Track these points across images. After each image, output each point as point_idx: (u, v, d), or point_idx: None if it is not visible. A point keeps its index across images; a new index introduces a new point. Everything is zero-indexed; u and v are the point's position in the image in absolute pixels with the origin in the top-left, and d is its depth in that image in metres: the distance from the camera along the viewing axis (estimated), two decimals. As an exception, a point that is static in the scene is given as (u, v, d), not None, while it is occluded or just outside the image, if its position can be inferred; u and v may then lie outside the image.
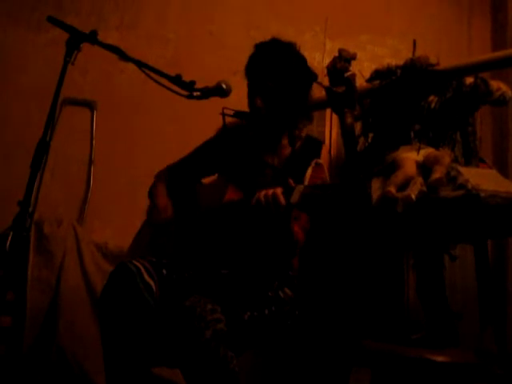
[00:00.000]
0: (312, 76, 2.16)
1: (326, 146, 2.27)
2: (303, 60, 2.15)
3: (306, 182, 1.90)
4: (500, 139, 3.47)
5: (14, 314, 2.75)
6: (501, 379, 2.11)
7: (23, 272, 2.79)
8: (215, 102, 2.02)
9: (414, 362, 2.08)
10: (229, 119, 2.09)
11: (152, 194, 2.21)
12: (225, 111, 2.02)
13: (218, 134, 2.26)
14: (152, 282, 1.82)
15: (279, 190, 1.80)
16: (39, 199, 2.67)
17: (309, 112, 2.23)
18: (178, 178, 2.24)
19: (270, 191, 1.80)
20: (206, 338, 1.64)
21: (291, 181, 1.83)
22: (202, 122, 2.21)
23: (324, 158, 2.10)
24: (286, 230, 2.00)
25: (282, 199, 1.78)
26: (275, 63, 2.05)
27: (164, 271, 1.90)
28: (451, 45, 3.61)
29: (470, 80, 2.33)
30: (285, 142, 2.17)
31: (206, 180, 2.28)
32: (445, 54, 2.51)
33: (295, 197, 1.75)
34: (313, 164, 1.96)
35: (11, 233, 1.74)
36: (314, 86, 2.20)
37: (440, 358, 2.07)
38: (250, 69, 2.10)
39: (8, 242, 1.78)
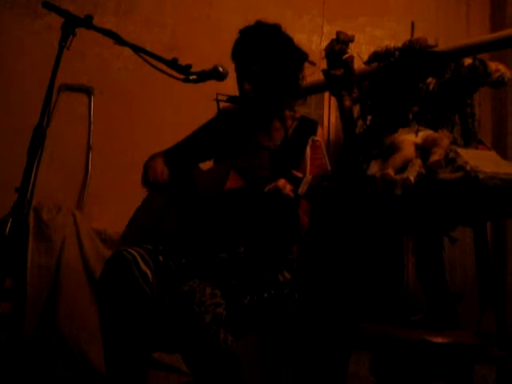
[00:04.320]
0: (301, 56, 2.16)
1: (323, 128, 2.26)
2: (289, 41, 2.15)
3: (307, 163, 1.90)
4: (499, 121, 3.47)
5: (14, 301, 2.75)
6: (501, 360, 2.12)
7: (23, 258, 2.79)
8: (214, 86, 2.02)
9: (414, 344, 2.09)
10: (225, 104, 2.10)
11: (148, 163, 2.19)
12: (218, 97, 2.03)
13: (213, 118, 2.27)
14: (148, 270, 1.82)
15: (288, 185, 1.80)
16: (37, 186, 2.66)
17: (302, 93, 2.23)
18: (173, 161, 2.23)
19: (280, 184, 1.80)
20: (206, 323, 1.65)
21: (295, 172, 1.83)
22: (201, 106, 2.20)
23: (320, 138, 2.09)
24: (291, 218, 2.00)
25: (290, 194, 1.79)
26: (260, 46, 2.06)
27: (160, 258, 1.90)
28: (449, 26, 3.59)
29: (468, 61, 2.32)
30: (278, 123, 2.17)
31: (205, 166, 2.28)
32: (443, 35, 2.51)
33: (303, 188, 1.75)
34: (310, 142, 1.96)
35: (10, 219, 1.74)
36: (311, 67, 2.18)
37: (440, 340, 2.08)
38: (236, 53, 2.11)
39: (7, 229, 1.78)
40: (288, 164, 1.88)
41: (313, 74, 2.53)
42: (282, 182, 1.80)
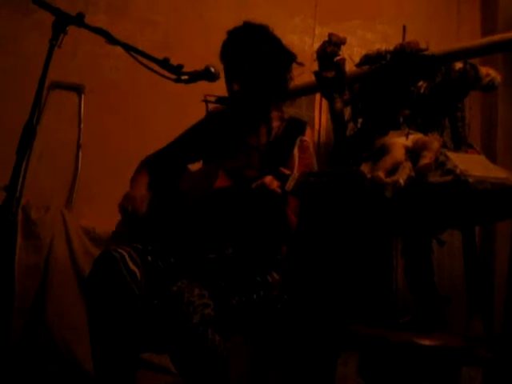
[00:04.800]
0: (289, 56, 2.16)
1: (312, 129, 2.27)
2: (277, 41, 2.16)
3: (295, 163, 1.90)
4: (489, 125, 3.48)
5: (2, 299, 2.74)
6: (488, 362, 2.13)
7: (11, 257, 2.77)
8: (205, 86, 2.02)
9: (402, 346, 2.09)
10: (213, 105, 2.11)
11: (131, 182, 2.21)
12: (207, 98, 2.04)
13: (202, 120, 2.27)
14: (137, 270, 1.81)
15: (275, 182, 1.80)
16: (26, 184, 2.65)
17: (293, 94, 2.24)
18: (163, 164, 2.24)
19: (267, 181, 1.80)
20: (194, 323, 1.65)
21: (283, 169, 1.83)
22: (192, 106, 2.20)
23: (309, 139, 2.09)
24: (280, 216, 2.00)
25: (278, 190, 1.78)
26: (248, 47, 2.07)
27: (149, 258, 1.90)
28: (441, 30, 3.61)
29: (459, 65, 2.33)
30: (266, 124, 2.18)
31: (193, 167, 2.28)
32: (434, 39, 2.51)
33: (290, 184, 1.75)
34: (298, 142, 1.96)
35: (-2, 218, 1.73)
36: (299, 68, 2.19)
37: (428, 342, 2.08)
38: (224, 54, 2.12)
39: (-5, 228, 1.78)
40: (276, 164, 1.88)
41: (302, 75, 2.54)
42: (268, 179, 1.80)
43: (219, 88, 2.14)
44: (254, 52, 2.06)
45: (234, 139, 2.18)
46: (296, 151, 1.94)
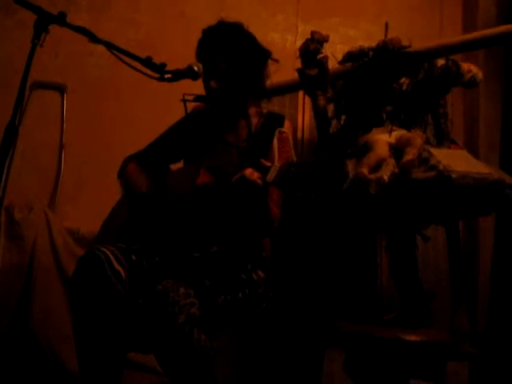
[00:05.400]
0: (264, 53, 2.17)
1: (291, 123, 2.27)
2: (252, 39, 2.16)
3: (275, 154, 1.90)
4: (471, 121, 3.50)
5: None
6: (473, 357, 2.15)
7: (-6, 258, 2.76)
8: (189, 85, 2.01)
9: (388, 343, 2.10)
10: (194, 104, 2.13)
11: (125, 172, 2.20)
12: (185, 97, 2.03)
13: (181, 120, 2.27)
14: (121, 269, 1.80)
15: (255, 173, 1.80)
16: (9, 185, 2.63)
17: (276, 91, 2.24)
18: (145, 165, 2.23)
19: (247, 173, 1.80)
20: (180, 323, 1.64)
21: (263, 160, 1.83)
22: (174, 105, 2.19)
23: (288, 131, 2.10)
24: (262, 209, 2.00)
25: (258, 181, 1.78)
26: (223, 44, 2.08)
27: (133, 257, 1.89)
28: (423, 27, 3.62)
29: (441, 62, 2.35)
30: (244, 120, 2.18)
31: (174, 167, 2.28)
32: (417, 36, 2.52)
33: (271, 175, 1.75)
34: (277, 133, 1.96)
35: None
36: (275, 64, 2.20)
37: (413, 338, 2.10)
38: (201, 53, 2.12)
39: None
40: (257, 159, 1.88)
41: (284, 73, 2.54)
42: (248, 171, 1.81)
43: (202, 86, 2.14)
44: (229, 49, 2.08)
45: (214, 137, 2.19)
46: (275, 142, 1.94)
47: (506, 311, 3.04)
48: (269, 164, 1.81)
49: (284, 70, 2.34)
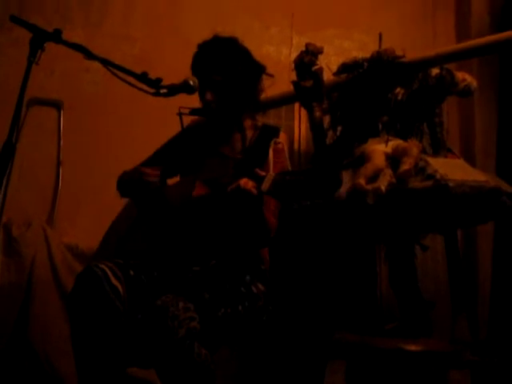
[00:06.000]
0: (259, 67, 2.19)
1: (286, 134, 2.28)
2: (247, 52, 2.19)
3: (270, 166, 1.90)
4: (467, 129, 3.52)
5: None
6: (474, 365, 2.14)
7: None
8: (185, 99, 2.02)
9: (389, 353, 2.10)
10: (190, 118, 2.15)
11: (125, 178, 2.17)
12: (181, 110, 2.04)
13: (176, 135, 2.28)
14: (119, 285, 1.80)
15: (250, 182, 1.81)
16: (7, 202, 2.63)
17: (272, 104, 2.24)
18: None
19: (242, 182, 1.81)
20: (180, 337, 1.64)
21: (258, 170, 1.84)
22: (172, 120, 2.20)
23: (283, 141, 2.10)
24: (258, 219, 2.00)
25: (254, 190, 1.79)
26: (217, 57, 2.10)
27: (131, 272, 1.88)
28: (417, 37, 3.64)
29: (435, 71, 2.36)
30: (239, 133, 2.20)
31: (170, 181, 2.28)
32: (410, 46, 2.53)
33: (266, 184, 1.75)
34: (272, 144, 1.96)
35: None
36: (270, 79, 2.21)
37: (414, 348, 2.09)
38: (196, 66, 2.14)
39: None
40: (252, 170, 1.89)
41: (280, 85, 2.55)
42: (243, 180, 1.81)
43: (198, 100, 2.15)
44: (224, 62, 2.10)
45: (209, 150, 2.20)
46: (271, 153, 1.95)
47: (507, 318, 3.04)
48: (263, 174, 1.81)
49: (279, 82, 2.36)
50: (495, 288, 3.20)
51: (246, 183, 1.80)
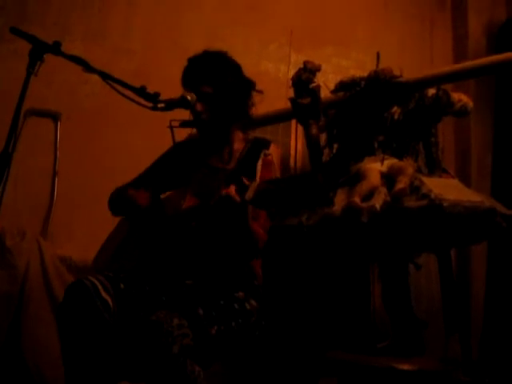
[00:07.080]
0: (248, 83, 2.20)
1: (277, 148, 2.29)
2: (236, 66, 2.20)
3: (258, 176, 1.91)
4: (462, 149, 3.53)
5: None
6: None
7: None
8: (182, 112, 2.03)
9: (381, 371, 2.09)
10: (183, 130, 2.15)
11: (117, 197, 2.18)
12: (172, 123, 2.05)
13: (168, 151, 2.30)
14: (109, 298, 1.80)
15: (232, 189, 1.82)
16: (1, 211, 2.62)
17: (269, 120, 2.25)
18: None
19: (224, 191, 1.82)
20: (174, 353, 1.63)
21: (245, 179, 1.84)
22: (168, 132, 2.20)
23: (274, 155, 2.11)
24: (244, 229, 2.00)
25: (236, 197, 1.79)
26: (207, 69, 2.12)
27: (122, 285, 1.88)
28: (414, 57, 3.67)
29: (432, 91, 2.38)
30: (230, 145, 2.20)
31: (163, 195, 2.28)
32: (408, 66, 2.55)
33: (250, 194, 1.76)
34: (262, 156, 1.97)
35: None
36: (259, 95, 2.22)
37: (406, 367, 2.09)
38: (186, 79, 2.15)
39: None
40: (242, 183, 1.89)
41: (278, 102, 2.56)
42: (230, 189, 1.82)
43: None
44: (213, 73, 2.11)
45: (199, 164, 2.20)
46: (259, 164, 1.95)
47: (500, 339, 3.04)
48: (248, 182, 1.82)
49: (277, 99, 2.37)
50: (488, 308, 3.20)
51: (231, 191, 1.81)
